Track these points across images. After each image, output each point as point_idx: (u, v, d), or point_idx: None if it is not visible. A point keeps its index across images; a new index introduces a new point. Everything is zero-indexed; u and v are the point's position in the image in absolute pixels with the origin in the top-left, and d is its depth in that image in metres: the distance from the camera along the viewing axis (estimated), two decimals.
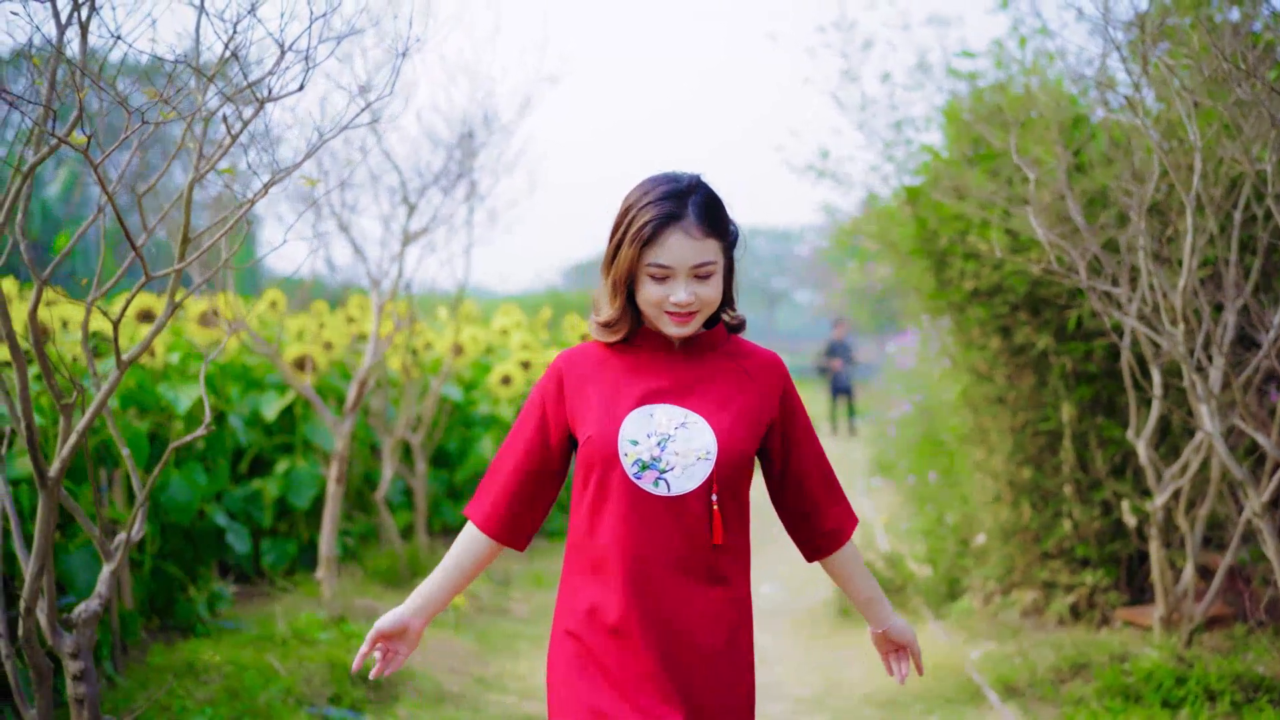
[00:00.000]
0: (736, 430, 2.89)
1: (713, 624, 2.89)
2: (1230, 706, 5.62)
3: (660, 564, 2.85)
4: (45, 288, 3.67)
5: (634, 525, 2.85)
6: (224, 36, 3.70)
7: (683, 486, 2.84)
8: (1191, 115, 5.16)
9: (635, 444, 2.85)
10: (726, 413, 2.90)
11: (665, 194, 2.84)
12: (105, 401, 3.72)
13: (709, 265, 2.85)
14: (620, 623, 2.85)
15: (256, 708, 5.57)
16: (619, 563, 2.86)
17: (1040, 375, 7.58)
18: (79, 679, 3.97)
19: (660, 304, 2.85)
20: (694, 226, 2.82)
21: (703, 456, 2.84)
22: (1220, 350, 5.52)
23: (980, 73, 7.65)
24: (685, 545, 2.86)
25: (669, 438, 2.85)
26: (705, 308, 2.88)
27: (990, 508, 7.91)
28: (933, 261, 7.70)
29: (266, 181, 3.67)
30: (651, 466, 2.84)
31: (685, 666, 2.87)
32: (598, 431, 2.87)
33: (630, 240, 2.84)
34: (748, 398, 2.95)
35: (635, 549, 2.85)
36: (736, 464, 2.88)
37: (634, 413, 2.88)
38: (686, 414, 2.88)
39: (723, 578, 2.91)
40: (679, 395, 2.91)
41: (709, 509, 2.86)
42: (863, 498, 13.79)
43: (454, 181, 8.01)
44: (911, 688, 6.45)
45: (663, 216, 2.81)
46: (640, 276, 2.86)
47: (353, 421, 7.46)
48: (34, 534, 3.81)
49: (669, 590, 2.86)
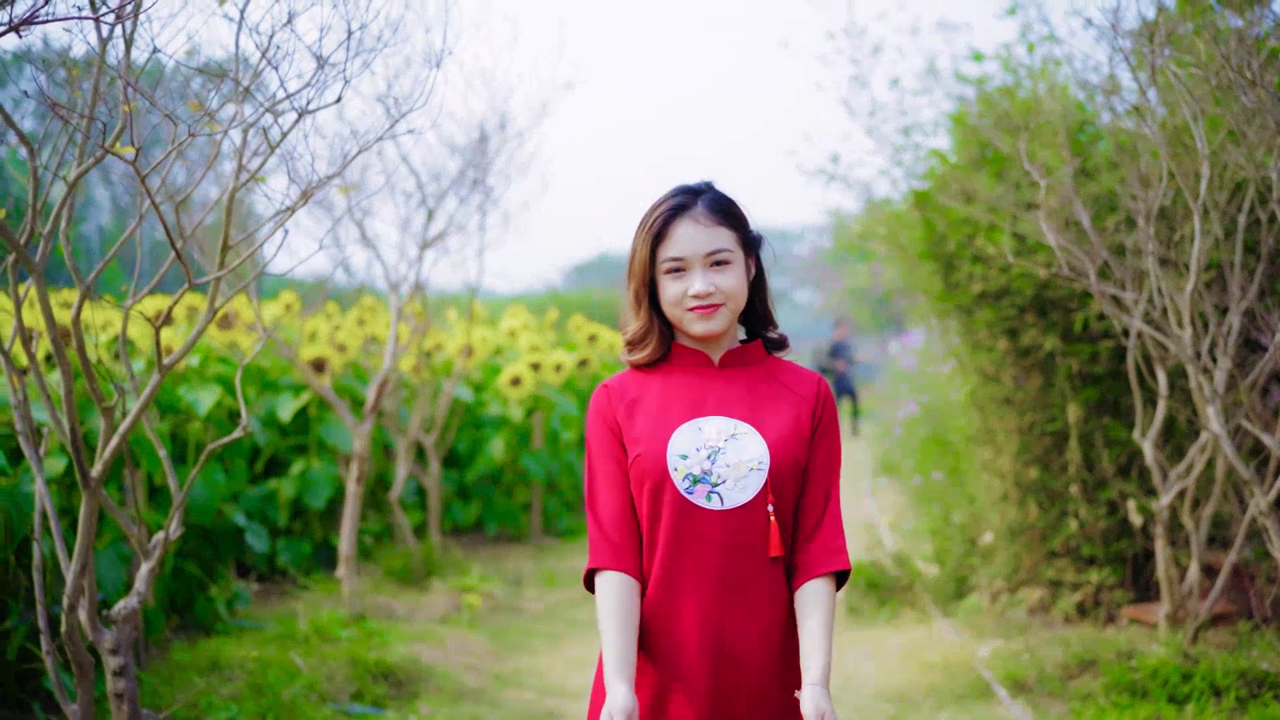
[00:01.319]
0: (787, 439, 2.83)
1: (766, 641, 2.82)
2: (1235, 702, 5.72)
3: (716, 582, 2.78)
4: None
5: (688, 542, 2.78)
6: (260, 48, 3.81)
7: (736, 499, 2.78)
8: (1199, 122, 5.26)
9: (685, 458, 2.79)
10: (776, 422, 2.85)
11: (675, 193, 2.86)
12: (147, 405, 3.83)
13: (723, 252, 2.82)
14: (678, 644, 2.80)
15: (280, 704, 5.68)
16: (675, 582, 2.80)
17: (1047, 376, 7.68)
18: (119, 674, 4.08)
19: (681, 301, 2.82)
20: (703, 215, 2.82)
21: (755, 467, 2.79)
22: (1226, 352, 5.61)
23: (988, 77, 7.75)
24: (742, 560, 2.79)
25: (719, 450, 2.79)
26: (729, 300, 2.84)
27: (997, 507, 8.01)
28: (941, 264, 7.79)
29: (304, 189, 3.78)
30: (703, 480, 2.78)
31: (733, 688, 2.81)
32: (647, 449, 2.82)
33: (643, 240, 2.84)
34: (794, 408, 2.90)
35: (690, 567, 2.79)
36: (790, 473, 2.83)
37: (683, 427, 2.83)
38: (736, 425, 2.83)
39: (779, 592, 2.84)
40: (727, 407, 2.85)
41: (766, 520, 2.79)
42: (868, 498, 13.90)
43: (471, 188, 8.12)
44: (921, 683, 6.56)
45: (671, 209, 2.83)
46: (659, 280, 2.85)
47: (372, 423, 7.57)
48: (76, 534, 3.91)
49: (726, 609, 2.79)
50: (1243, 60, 4.88)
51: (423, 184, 7.97)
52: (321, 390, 7.51)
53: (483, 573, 9.02)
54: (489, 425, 11.25)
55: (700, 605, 2.79)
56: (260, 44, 3.83)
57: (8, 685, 5.53)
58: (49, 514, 4.07)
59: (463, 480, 11.04)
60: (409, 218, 8.03)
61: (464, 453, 11.11)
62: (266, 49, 3.83)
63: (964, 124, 7.59)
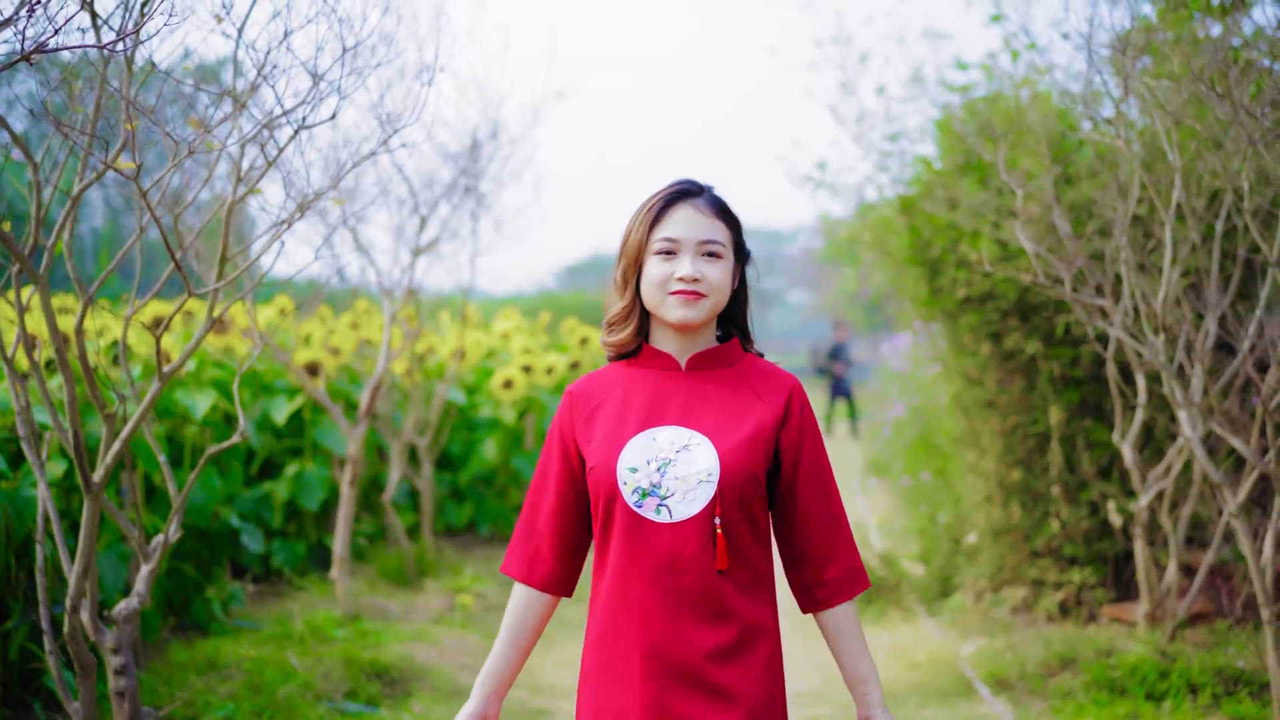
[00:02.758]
0: (741, 450, 2.77)
1: (720, 656, 2.75)
2: (1211, 699, 5.85)
3: (667, 596, 2.74)
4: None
5: (638, 555, 2.75)
6: (257, 65, 3.93)
7: (685, 512, 2.73)
8: (1172, 136, 5.37)
9: (634, 471, 2.76)
10: (732, 432, 2.80)
11: (680, 182, 2.87)
12: (148, 411, 3.95)
13: (716, 245, 2.80)
14: (624, 659, 2.77)
15: (276, 702, 5.80)
16: (622, 594, 2.77)
17: (1029, 380, 7.80)
18: (120, 673, 4.20)
19: (665, 282, 2.79)
20: (704, 205, 2.82)
21: (704, 479, 2.74)
22: (1201, 357, 5.73)
23: (973, 84, 7.86)
24: (691, 573, 2.74)
25: (670, 462, 2.76)
26: (712, 293, 2.80)
27: (981, 508, 8.13)
28: (926, 269, 7.91)
29: (300, 202, 3.89)
30: (652, 493, 2.75)
31: (683, 703, 2.74)
32: (599, 462, 2.80)
33: (640, 222, 2.83)
34: (757, 416, 2.83)
35: (639, 578, 2.75)
36: (741, 485, 2.76)
37: (637, 438, 2.80)
38: (691, 435, 2.78)
39: (730, 606, 2.77)
40: (685, 416, 2.82)
41: (713, 533, 2.74)
42: (858, 498, 14.03)
43: (463, 195, 8.23)
44: (906, 682, 6.68)
45: (675, 194, 2.83)
46: (647, 260, 2.82)
47: (366, 426, 7.68)
48: (77, 536, 4.02)
49: (677, 623, 2.74)
50: (1219, 70, 4.97)
51: (415, 191, 8.08)
52: (316, 394, 7.62)
53: (475, 573, 9.12)
54: (481, 427, 11.36)
55: (650, 619, 2.75)
56: (257, 61, 3.95)
57: (10, 685, 5.63)
58: (51, 517, 4.19)
59: (455, 482, 11.15)
60: (402, 225, 8.15)
61: (457, 455, 11.22)
62: (263, 66, 3.95)
63: (949, 131, 7.70)
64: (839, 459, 18.42)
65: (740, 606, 2.78)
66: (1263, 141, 4.85)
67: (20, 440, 5.74)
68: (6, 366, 4.13)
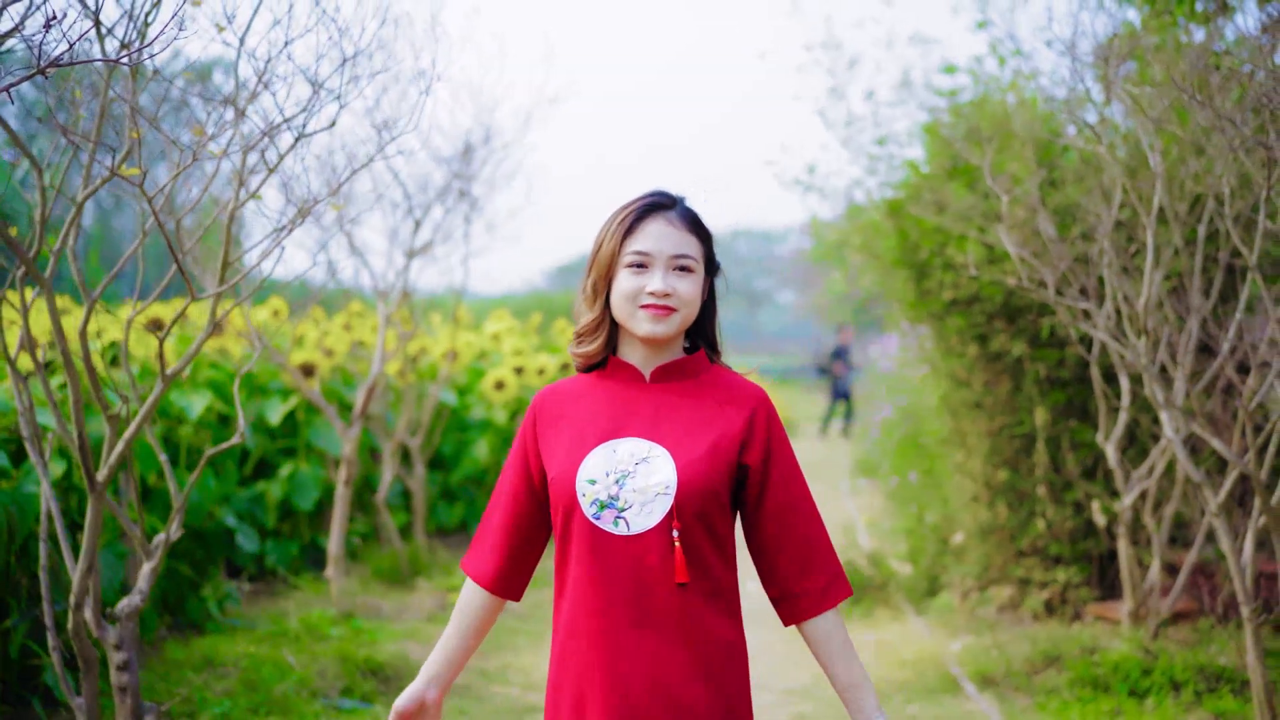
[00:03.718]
0: (701, 463, 2.74)
1: (682, 672, 2.72)
2: (1193, 696, 5.95)
3: (627, 609, 2.72)
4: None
5: (596, 568, 2.73)
6: (257, 72, 4.02)
7: (642, 524, 2.71)
8: (1154, 143, 5.45)
9: (593, 483, 2.74)
10: (694, 444, 2.77)
11: (651, 194, 2.85)
12: (151, 413, 4.03)
13: (688, 259, 2.79)
14: (586, 673, 2.75)
15: (273, 699, 5.88)
16: (583, 609, 2.75)
17: (1015, 381, 7.89)
18: (122, 669, 4.28)
19: (635, 296, 2.77)
20: (677, 219, 2.81)
21: (662, 491, 2.71)
22: (1183, 360, 5.81)
23: (960, 89, 7.95)
24: (650, 587, 2.71)
25: (628, 474, 2.74)
26: (683, 307, 2.79)
27: (968, 508, 8.23)
28: (914, 272, 8.00)
29: (300, 208, 3.98)
30: (610, 505, 2.73)
31: (651, 714, 2.71)
32: (559, 473, 2.79)
33: (612, 234, 2.80)
34: (719, 430, 2.81)
35: (598, 593, 2.73)
36: (700, 498, 2.73)
37: (597, 449, 2.78)
38: (651, 447, 2.76)
39: (691, 619, 2.73)
40: (647, 427, 2.80)
41: (671, 546, 2.71)
42: (846, 498, 14.13)
43: (457, 199, 8.32)
44: (894, 679, 6.77)
45: (647, 206, 2.81)
46: (618, 272, 2.80)
47: (360, 427, 7.75)
48: (76, 535, 4.10)
49: (637, 637, 2.72)
50: (1202, 76, 5.04)
51: (410, 194, 8.17)
52: (310, 395, 7.70)
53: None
54: (473, 428, 11.44)
55: (609, 632, 2.72)
56: (257, 69, 4.03)
57: (9, 682, 5.71)
58: (54, 516, 4.27)
59: (447, 482, 11.23)
60: (397, 228, 8.24)
61: (449, 455, 11.30)
62: (263, 73, 4.03)
63: (936, 135, 7.78)
64: (829, 459, 18.56)
65: (702, 620, 2.74)
66: (1243, 148, 4.92)
67: (19, 439, 5.85)
68: (10, 367, 4.21)
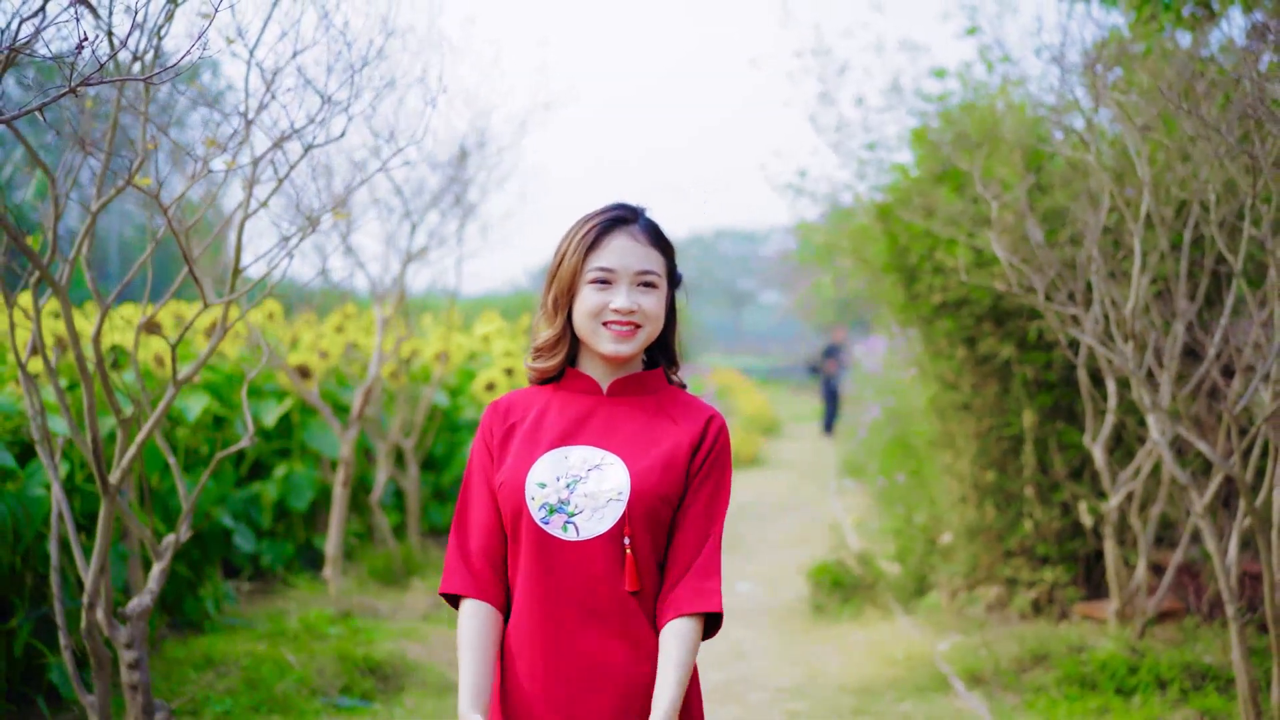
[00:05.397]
0: (653, 471, 2.71)
1: (624, 675, 2.69)
2: (1179, 694, 6.05)
3: (575, 614, 2.68)
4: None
5: (545, 573, 2.69)
6: (265, 82, 4.11)
7: (592, 530, 2.68)
8: (1140, 150, 5.54)
9: (543, 487, 2.71)
10: (646, 454, 2.74)
11: (613, 207, 2.80)
12: (162, 417, 4.11)
13: (653, 275, 2.75)
14: (530, 678, 2.71)
15: (274, 697, 5.98)
16: (529, 616, 2.71)
17: (1003, 384, 7.98)
18: (133, 668, 4.36)
19: (599, 313, 2.73)
20: (640, 233, 2.76)
21: (614, 498, 2.68)
22: (1169, 363, 5.90)
23: (949, 93, 8.03)
24: (599, 593, 2.68)
25: (580, 479, 2.71)
26: (648, 323, 2.76)
27: (956, 508, 8.32)
28: (903, 276, 8.08)
29: (309, 216, 4.06)
30: (559, 510, 2.69)
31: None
32: (509, 476, 2.74)
33: (574, 249, 2.75)
34: (672, 441, 2.77)
35: (548, 598, 2.69)
36: (651, 506, 2.69)
37: (548, 455, 2.75)
38: (603, 455, 2.74)
39: (640, 628, 2.70)
40: (600, 436, 2.77)
41: (621, 553, 2.68)
42: (834, 498, 14.24)
43: (452, 204, 8.41)
44: (883, 677, 6.88)
45: (610, 220, 2.76)
46: (580, 288, 2.75)
47: (357, 429, 7.83)
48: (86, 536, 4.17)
49: (582, 646, 2.69)
50: (1188, 84, 5.11)
51: (407, 200, 8.25)
52: (308, 396, 7.77)
53: None
54: (464, 429, 11.50)
55: (556, 637, 2.69)
56: (265, 79, 4.12)
57: (14, 681, 5.78)
58: (65, 517, 4.35)
59: (439, 483, 11.29)
60: (393, 232, 8.32)
61: (440, 456, 11.37)
62: (271, 83, 4.12)
63: (925, 140, 7.86)
64: (817, 460, 18.68)
65: (645, 626, 2.71)
66: (1228, 155, 5.00)
67: (25, 441, 5.92)
68: (21, 372, 4.29)
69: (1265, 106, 4.61)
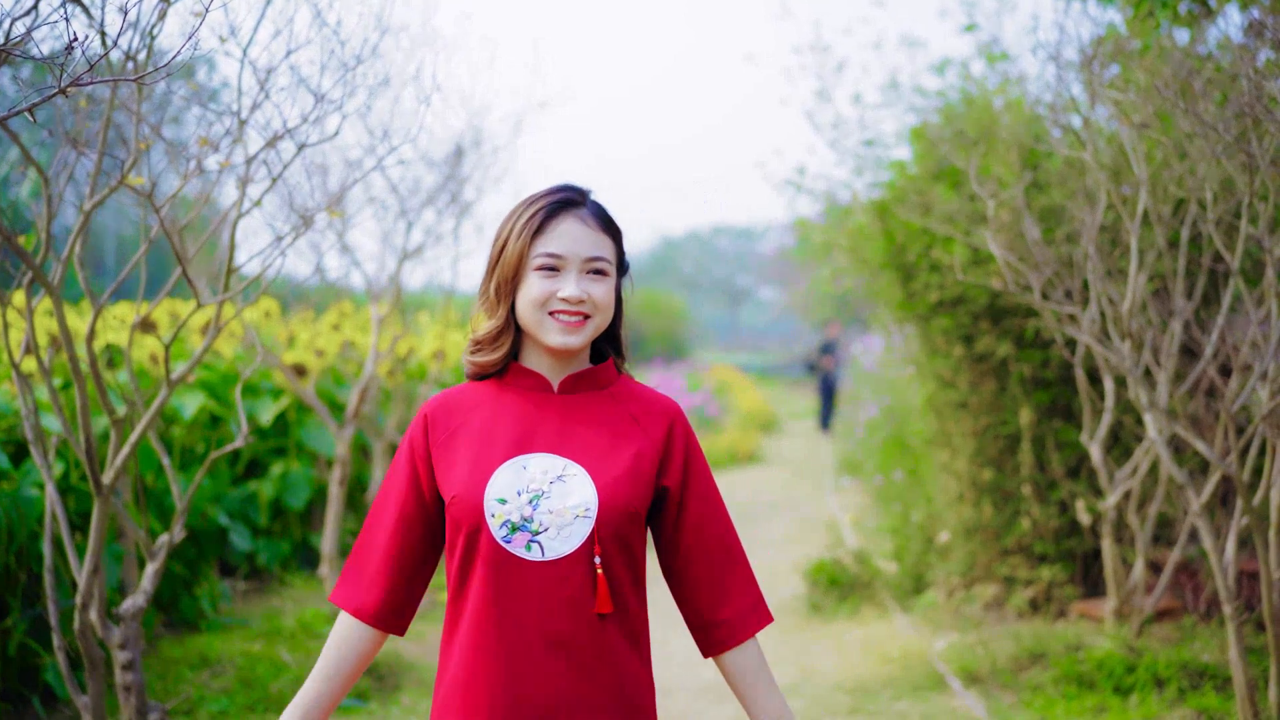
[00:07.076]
0: (621, 482, 2.53)
1: (588, 703, 2.49)
2: (1176, 692, 6.03)
3: (537, 642, 2.46)
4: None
5: (505, 597, 2.47)
6: (259, 80, 4.09)
7: (559, 549, 2.47)
8: (1137, 148, 5.53)
9: (504, 503, 2.48)
10: (611, 462, 2.54)
11: (560, 188, 2.60)
12: (156, 418, 4.10)
13: (603, 262, 2.56)
14: (483, 711, 2.47)
15: (269, 696, 5.97)
16: (487, 641, 2.48)
17: (1000, 382, 7.98)
18: (127, 668, 4.34)
19: (546, 302, 2.53)
20: (590, 217, 2.57)
21: (581, 514, 2.48)
22: (1166, 362, 5.88)
23: (947, 89, 8.02)
24: (566, 618, 2.46)
25: (543, 494, 2.49)
26: (597, 313, 2.56)
27: (954, 507, 8.32)
28: (900, 274, 8.07)
29: (303, 216, 4.05)
30: (522, 528, 2.47)
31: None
32: (463, 492, 2.51)
33: (518, 233, 2.54)
34: (636, 447, 2.59)
35: (507, 625, 2.47)
36: (621, 522, 2.51)
37: (505, 466, 2.52)
38: (566, 464, 2.52)
39: (611, 653, 2.51)
40: (558, 443, 2.55)
41: (592, 573, 2.48)
42: (831, 496, 14.23)
43: (448, 202, 8.39)
44: (880, 676, 6.86)
45: (557, 203, 2.56)
46: (525, 276, 2.55)
47: (354, 428, 7.82)
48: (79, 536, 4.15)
49: (548, 672, 2.47)
50: (1185, 82, 5.10)
51: (403, 198, 8.24)
52: (304, 395, 7.75)
53: None
54: None
55: (516, 667, 2.47)
56: (259, 78, 4.10)
57: (8, 681, 5.76)
58: (60, 518, 4.33)
59: None
60: (389, 231, 8.31)
61: None
62: (265, 81, 4.10)
63: (923, 137, 7.85)
64: (813, 458, 18.66)
65: (616, 651, 2.53)
66: (1225, 153, 4.99)
67: (18, 441, 5.91)
68: (14, 371, 4.27)
69: (1262, 104, 4.60)
